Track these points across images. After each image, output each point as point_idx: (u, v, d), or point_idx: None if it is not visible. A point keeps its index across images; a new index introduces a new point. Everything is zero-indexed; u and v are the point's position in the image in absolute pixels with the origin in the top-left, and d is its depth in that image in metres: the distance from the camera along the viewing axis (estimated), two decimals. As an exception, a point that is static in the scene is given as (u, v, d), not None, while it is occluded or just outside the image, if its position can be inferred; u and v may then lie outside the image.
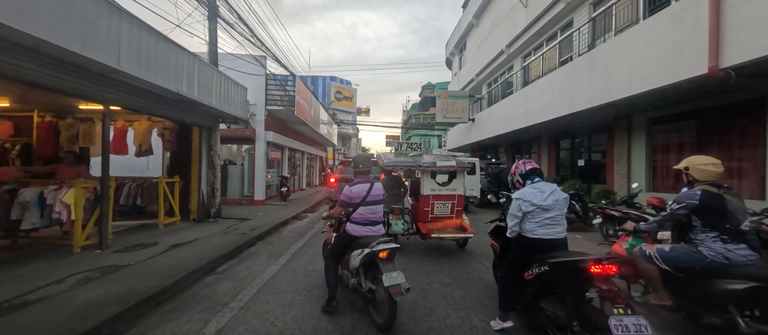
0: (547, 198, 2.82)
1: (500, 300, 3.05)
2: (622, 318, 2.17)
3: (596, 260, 2.40)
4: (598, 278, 2.39)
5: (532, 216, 2.84)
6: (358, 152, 41.50)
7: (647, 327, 2.16)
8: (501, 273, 3.22)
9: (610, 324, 2.15)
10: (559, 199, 2.85)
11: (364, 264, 3.10)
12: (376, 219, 3.40)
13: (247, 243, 6.07)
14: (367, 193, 3.34)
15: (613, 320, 2.16)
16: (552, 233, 2.80)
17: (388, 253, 3.03)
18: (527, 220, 2.88)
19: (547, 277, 2.66)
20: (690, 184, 3.05)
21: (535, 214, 2.83)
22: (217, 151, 8.60)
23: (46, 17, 3.51)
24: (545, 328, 2.69)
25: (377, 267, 3.01)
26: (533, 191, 2.89)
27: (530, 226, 2.86)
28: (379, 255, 3.01)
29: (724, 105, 6.60)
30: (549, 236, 2.79)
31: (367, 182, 3.45)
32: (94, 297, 3.32)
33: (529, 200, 2.84)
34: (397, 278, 2.84)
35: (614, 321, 2.15)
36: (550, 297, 2.72)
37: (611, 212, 6.46)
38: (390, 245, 3.06)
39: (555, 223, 2.82)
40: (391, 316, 2.87)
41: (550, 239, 2.79)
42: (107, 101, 5.10)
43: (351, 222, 3.36)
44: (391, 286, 2.78)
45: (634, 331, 2.12)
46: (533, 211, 2.82)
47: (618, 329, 2.12)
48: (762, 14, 4.51)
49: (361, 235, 3.30)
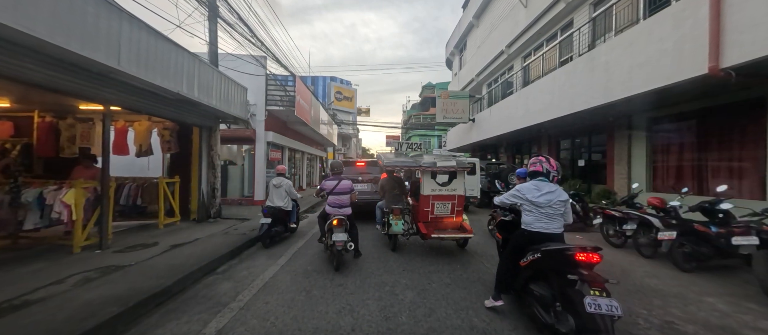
0: (539, 197, 3.08)
1: (496, 283, 3.41)
2: (597, 299, 2.48)
3: (582, 248, 2.71)
4: (583, 264, 2.70)
5: (527, 210, 3.15)
6: (358, 152, 45.95)
7: (618, 308, 2.45)
8: (500, 260, 3.56)
9: (585, 302, 2.48)
10: (553, 199, 3.06)
11: (328, 228, 4.90)
12: (343, 203, 5.07)
13: (248, 243, 6.06)
14: (334, 186, 5.06)
15: (588, 299, 2.49)
16: (547, 228, 3.06)
17: (337, 222, 4.78)
18: (525, 214, 3.18)
19: (539, 264, 2.97)
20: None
21: (528, 208, 3.13)
22: (218, 151, 8.60)
23: (45, 17, 3.51)
24: (532, 307, 3.02)
25: (332, 230, 4.76)
26: (531, 187, 3.16)
27: (528, 220, 3.15)
28: (332, 223, 4.80)
29: (724, 105, 6.60)
30: (545, 230, 3.06)
31: (336, 179, 5.13)
32: (94, 298, 3.32)
33: (523, 194, 3.16)
34: (340, 237, 4.62)
35: (589, 300, 2.48)
36: (539, 281, 3.02)
37: (612, 212, 6.46)
38: (338, 216, 4.86)
39: (550, 219, 3.07)
40: (338, 262, 4.65)
41: (546, 232, 3.06)
42: (107, 102, 5.10)
43: (327, 205, 5.13)
44: (336, 241, 4.59)
45: (605, 310, 2.43)
46: (525, 204, 3.15)
47: (591, 306, 2.45)
48: (762, 14, 4.51)
49: (331, 213, 5.04)
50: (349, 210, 5.10)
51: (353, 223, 5.08)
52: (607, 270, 4.84)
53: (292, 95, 12.49)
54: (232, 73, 8.93)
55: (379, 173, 8.12)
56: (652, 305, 3.64)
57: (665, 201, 5.92)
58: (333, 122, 23.98)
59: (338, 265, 4.67)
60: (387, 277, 4.46)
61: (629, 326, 3.16)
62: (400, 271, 4.74)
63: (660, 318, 3.33)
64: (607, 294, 2.52)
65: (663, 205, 5.82)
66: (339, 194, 5.08)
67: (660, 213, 5.75)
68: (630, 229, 5.94)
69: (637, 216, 5.88)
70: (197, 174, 8.17)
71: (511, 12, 13.56)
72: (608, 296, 2.51)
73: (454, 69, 24.20)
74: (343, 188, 5.11)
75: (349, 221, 4.98)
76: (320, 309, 3.42)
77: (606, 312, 2.42)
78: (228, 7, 8.26)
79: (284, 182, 6.49)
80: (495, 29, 15.47)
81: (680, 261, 4.91)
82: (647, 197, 6.42)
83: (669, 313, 3.42)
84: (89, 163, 6.11)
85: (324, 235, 5.16)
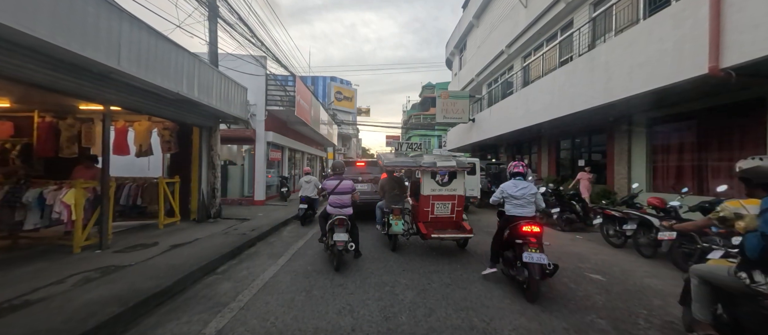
0: (517, 191, 4.16)
1: (491, 256, 4.48)
2: (531, 254, 3.63)
3: (527, 222, 3.89)
4: (526, 232, 3.83)
5: (508, 200, 4.22)
6: (358, 152, 46.25)
7: (546, 258, 3.61)
8: (493, 238, 4.54)
9: (523, 255, 3.67)
10: (526, 193, 4.13)
11: (329, 228, 4.90)
12: (345, 203, 5.05)
13: (248, 244, 6.06)
14: (335, 186, 5.06)
15: (525, 253, 3.66)
16: (522, 212, 4.11)
17: (338, 222, 4.79)
18: (506, 203, 4.25)
19: (509, 236, 4.11)
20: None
21: (509, 199, 4.21)
22: (218, 151, 8.60)
23: (46, 17, 3.51)
24: (505, 267, 4.20)
25: (333, 230, 4.77)
26: (510, 184, 4.26)
27: (508, 207, 4.23)
28: (334, 223, 4.81)
29: (724, 105, 6.60)
30: (520, 214, 4.10)
31: (337, 179, 5.15)
32: (94, 298, 3.32)
33: (505, 189, 4.26)
34: (341, 237, 4.62)
35: (526, 254, 3.65)
36: (509, 249, 4.16)
37: (612, 212, 6.46)
38: (339, 216, 4.85)
39: (523, 206, 4.12)
40: (338, 262, 4.66)
41: (520, 215, 4.10)
42: (107, 102, 5.10)
43: (328, 205, 5.09)
44: (337, 241, 4.59)
45: (536, 260, 3.58)
46: (507, 197, 4.22)
47: (526, 257, 3.62)
48: (762, 14, 4.51)
49: (333, 213, 5.00)
50: (350, 210, 5.08)
51: (354, 223, 5.07)
52: (607, 270, 4.93)
53: (292, 95, 12.49)
54: (232, 73, 8.93)
55: (379, 173, 8.12)
56: (652, 305, 3.64)
57: (665, 201, 5.92)
58: (333, 122, 23.97)
59: (338, 265, 4.67)
60: (387, 277, 4.46)
61: (629, 326, 3.16)
62: (400, 271, 4.74)
63: (660, 318, 3.33)
64: (541, 250, 3.67)
65: (663, 205, 5.83)
66: (340, 194, 5.07)
67: (660, 213, 5.75)
68: (630, 229, 5.94)
69: (637, 216, 5.88)
70: (197, 174, 8.17)
71: (511, 12, 13.56)
72: (541, 252, 3.65)
73: (454, 69, 24.20)
74: (345, 188, 5.10)
75: (350, 221, 4.96)
76: (320, 309, 3.42)
77: (536, 261, 3.57)
78: (228, 7, 8.26)
79: (312, 179, 8.81)
80: (495, 29, 15.47)
81: (680, 261, 4.91)
82: (647, 197, 6.42)
83: (669, 313, 3.42)
84: (89, 163, 6.11)
85: (324, 235, 5.16)
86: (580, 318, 3.30)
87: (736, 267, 2.31)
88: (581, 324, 3.16)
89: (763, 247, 2.09)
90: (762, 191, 2.31)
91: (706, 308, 2.52)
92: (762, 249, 2.09)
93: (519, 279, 3.79)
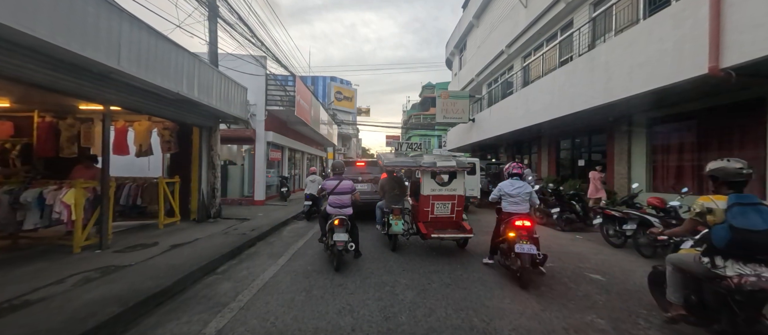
0: (513, 190, 4.60)
1: (490, 248, 4.98)
2: (523, 245, 4.07)
3: (519, 217, 4.37)
4: (519, 226, 4.28)
5: (505, 198, 4.65)
6: (358, 152, 46.46)
7: (535, 249, 4.07)
8: (493, 232, 4.97)
9: (514, 246, 4.11)
10: (521, 192, 4.56)
11: (329, 228, 4.93)
12: (344, 203, 5.06)
13: (247, 244, 6.06)
14: (335, 186, 5.08)
15: (517, 245, 4.10)
16: (517, 209, 4.53)
17: (338, 222, 4.82)
18: (503, 201, 4.68)
19: (505, 230, 4.50)
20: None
21: (506, 197, 4.64)
22: (217, 151, 8.60)
23: (46, 17, 3.51)
24: (501, 257, 4.68)
25: (333, 230, 4.80)
26: (507, 184, 4.71)
27: (505, 205, 4.66)
28: (334, 223, 4.83)
29: (724, 105, 6.60)
30: (515, 211, 4.53)
31: (337, 179, 5.16)
32: (94, 298, 3.32)
33: (502, 188, 4.71)
34: (341, 237, 4.64)
35: (518, 245, 4.10)
36: (505, 241, 4.53)
37: (612, 212, 6.46)
38: (339, 216, 4.89)
39: (518, 204, 4.55)
40: (338, 262, 4.69)
41: (516, 212, 4.51)
42: (107, 102, 5.10)
43: (328, 205, 5.11)
44: (337, 241, 4.62)
45: (526, 250, 4.03)
46: (504, 195, 4.66)
47: (518, 248, 4.06)
48: (762, 14, 4.51)
49: (332, 213, 5.02)
50: (351, 210, 5.09)
51: (354, 223, 5.07)
52: (607, 270, 4.93)
53: (292, 95, 12.49)
54: (232, 73, 8.93)
55: (379, 173, 8.12)
56: (652, 305, 3.63)
57: (665, 201, 5.92)
58: (333, 122, 23.97)
59: (338, 265, 4.68)
60: (387, 277, 4.46)
61: (629, 326, 3.16)
62: (400, 271, 4.74)
63: (660, 317, 3.32)
64: (531, 242, 4.11)
65: (663, 205, 5.83)
66: (340, 194, 5.08)
67: (660, 213, 5.75)
68: (630, 229, 5.94)
69: (637, 216, 5.88)
70: (197, 174, 8.17)
71: (511, 12, 13.56)
72: (531, 244, 4.08)
73: (454, 69, 24.20)
74: (345, 188, 5.11)
75: (350, 221, 4.97)
76: (320, 309, 3.42)
77: (526, 251, 4.01)
78: (228, 7, 8.26)
79: (317, 178, 9.66)
80: (495, 29, 15.47)
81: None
82: (647, 197, 6.42)
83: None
84: (89, 163, 6.11)
85: (324, 235, 5.16)
86: (579, 317, 3.30)
87: (700, 253, 2.70)
88: (581, 324, 3.17)
89: (730, 237, 2.41)
90: (727, 188, 2.66)
91: (679, 292, 2.89)
92: (730, 239, 2.42)
93: (513, 268, 4.23)
